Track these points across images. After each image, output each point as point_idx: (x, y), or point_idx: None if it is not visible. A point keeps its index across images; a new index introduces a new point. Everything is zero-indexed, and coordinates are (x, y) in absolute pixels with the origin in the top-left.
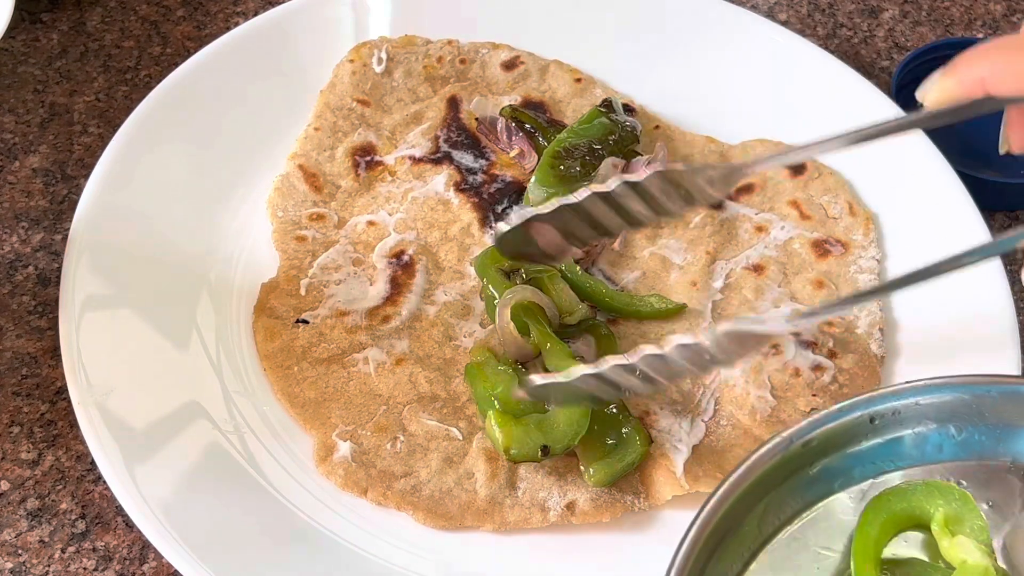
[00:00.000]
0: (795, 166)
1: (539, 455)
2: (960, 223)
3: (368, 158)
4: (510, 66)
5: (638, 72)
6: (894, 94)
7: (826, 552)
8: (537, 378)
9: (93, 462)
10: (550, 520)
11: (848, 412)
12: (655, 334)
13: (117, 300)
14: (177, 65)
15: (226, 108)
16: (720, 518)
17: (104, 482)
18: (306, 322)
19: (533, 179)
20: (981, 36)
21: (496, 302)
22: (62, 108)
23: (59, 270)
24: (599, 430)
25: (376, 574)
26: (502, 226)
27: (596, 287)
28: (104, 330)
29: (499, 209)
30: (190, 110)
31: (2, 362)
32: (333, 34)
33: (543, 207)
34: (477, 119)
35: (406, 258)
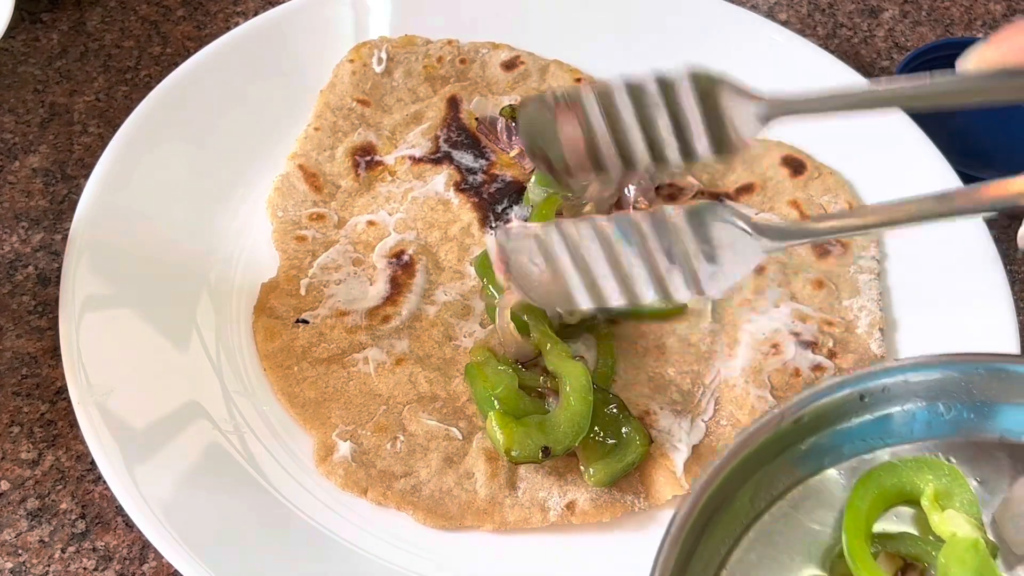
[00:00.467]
0: (795, 166)
1: (540, 456)
2: (960, 223)
3: (368, 158)
4: (510, 66)
5: (638, 72)
6: None
7: (817, 527)
8: (516, 225)
9: (93, 462)
10: (550, 520)
11: (838, 389)
12: (655, 334)
13: (117, 300)
14: (177, 65)
15: (226, 108)
16: (712, 494)
17: (104, 482)
18: (306, 322)
19: (533, 179)
20: (981, 36)
21: (496, 302)
22: (62, 108)
23: (59, 270)
24: (599, 430)
25: (376, 574)
26: (529, 99)
27: None
28: (104, 330)
29: (499, 209)
30: (190, 110)
31: (2, 362)
32: (333, 34)
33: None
34: (477, 119)
35: (406, 258)
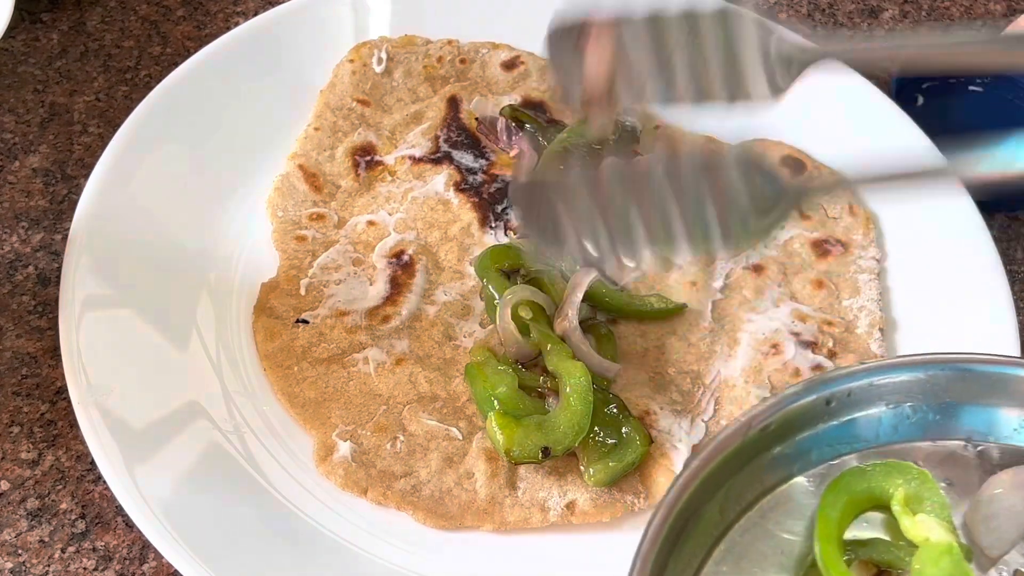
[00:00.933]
0: (795, 165)
1: (540, 456)
2: (960, 223)
3: (368, 158)
4: (510, 66)
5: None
6: (894, 94)
7: (788, 537)
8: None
9: (93, 462)
10: (550, 520)
11: (804, 395)
12: (655, 334)
13: (117, 300)
14: (177, 65)
15: (226, 108)
16: (682, 506)
17: (104, 482)
18: (306, 322)
19: None
20: None
21: (496, 302)
22: (62, 108)
23: (59, 270)
24: (599, 430)
25: (376, 574)
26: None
27: (596, 287)
28: (104, 330)
29: (499, 209)
30: (190, 110)
31: (2, 362)
32: (333, 34)
33: None
34: (477, 119)
35: (406, 258)
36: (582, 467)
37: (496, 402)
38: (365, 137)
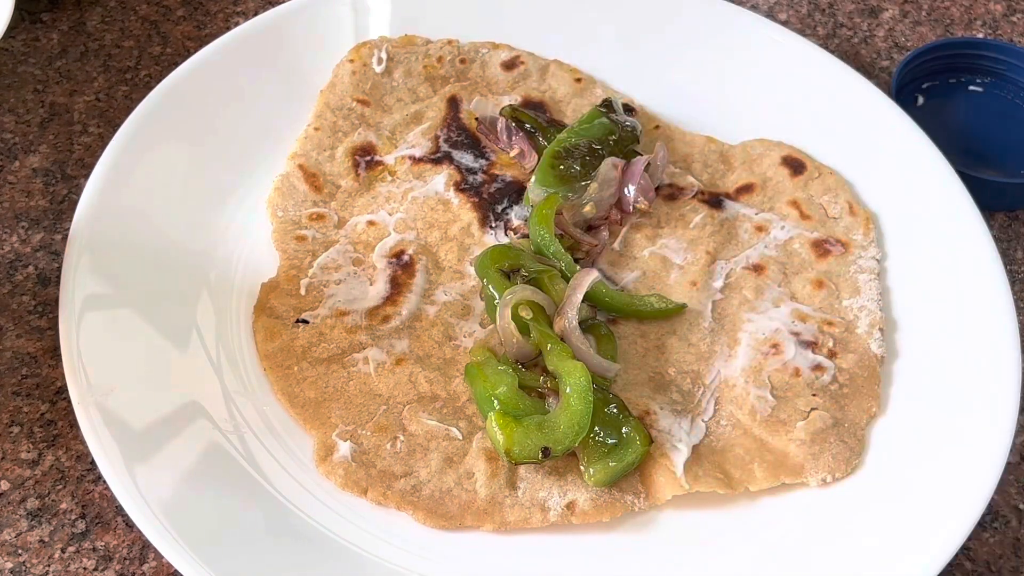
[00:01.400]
0: (795, 165)
1: (540, 456)
2: (960, 223)
3: (368, 158)
4: (510, 66)
5: (638, 72)
6: (894, 94)
7: None
8: None
9: (93, 462)
10: (550, 520)
11: None
12: (655, 334)
13: (117, 300)
14: (177, 65)
15: (226, 108)
16: None
17: (104, 482)
18: (306, 322)
19: (533, 179)
20: (981, 36)
21: (496, 302)
22: (62, 108)
23: (59, 270)
24: (599, 430)
25: (376, 574)
26: None
27: (596, 287)
28: (104, 330)
29: (499, 209)
30: (190, 110)
31: (2, 362)
32: (333, 34)
33: None
34: (477, 119)
35: (406, 258)
36: (582, 467)
37: (496, 402)
38: (365, 137)
